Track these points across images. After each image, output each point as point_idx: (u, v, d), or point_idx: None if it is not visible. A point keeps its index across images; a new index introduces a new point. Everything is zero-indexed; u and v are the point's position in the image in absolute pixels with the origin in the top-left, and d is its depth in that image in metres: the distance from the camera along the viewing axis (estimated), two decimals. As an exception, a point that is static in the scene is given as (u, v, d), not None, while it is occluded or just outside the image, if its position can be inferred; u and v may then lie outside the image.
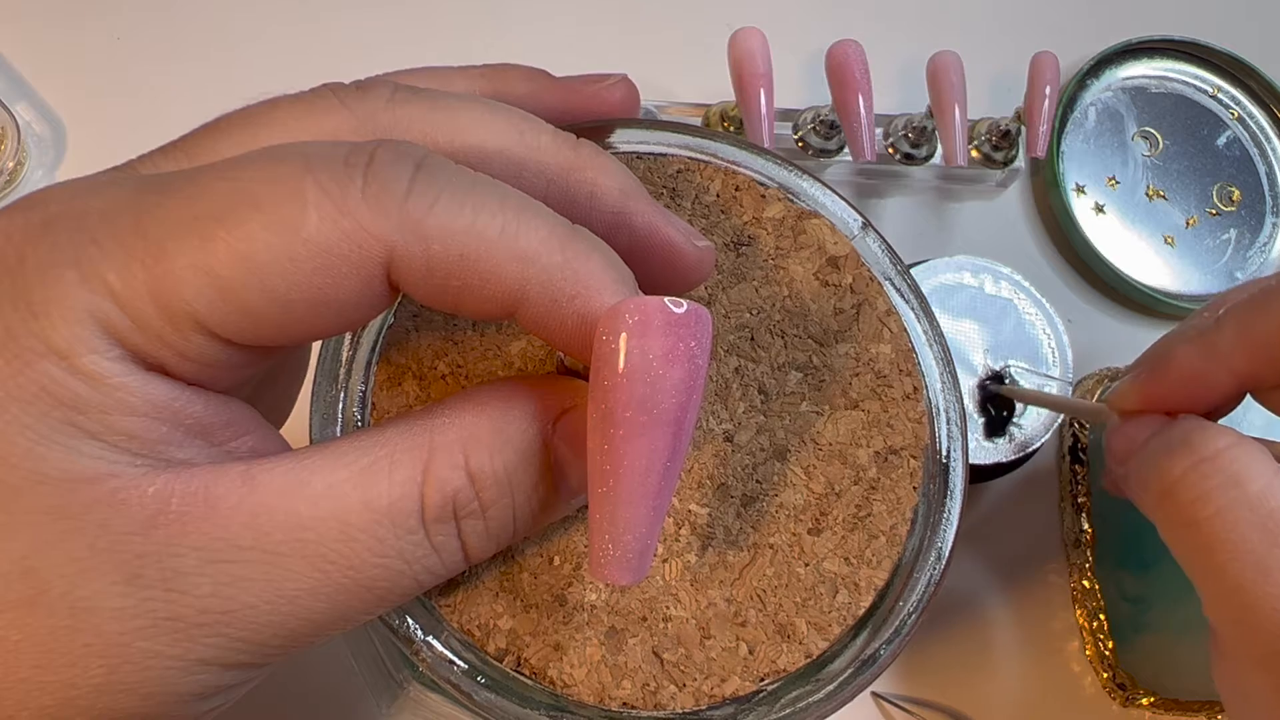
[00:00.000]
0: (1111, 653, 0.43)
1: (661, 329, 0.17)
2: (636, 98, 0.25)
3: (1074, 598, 0.44)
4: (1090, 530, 0.44)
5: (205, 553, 0.17)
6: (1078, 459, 0.45)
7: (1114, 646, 0.43)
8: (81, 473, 0.17)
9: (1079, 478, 0.45)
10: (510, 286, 0.18)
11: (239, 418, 0.19)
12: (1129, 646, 0.43)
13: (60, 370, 0.17)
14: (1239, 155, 0.52)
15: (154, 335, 0.17)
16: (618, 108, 0.24)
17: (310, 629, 0.18)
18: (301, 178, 0.17)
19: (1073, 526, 0.44)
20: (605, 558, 0.18)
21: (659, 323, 0.17)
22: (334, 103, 0.20)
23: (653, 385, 0.17)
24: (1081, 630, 0.44)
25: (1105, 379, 0.47)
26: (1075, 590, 0.44)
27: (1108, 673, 0.43)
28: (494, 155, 0.20)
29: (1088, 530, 0.44)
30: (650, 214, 0.21)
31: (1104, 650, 0.43)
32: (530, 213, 0.18)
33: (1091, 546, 0.44)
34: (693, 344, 0.17)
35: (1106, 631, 0.43)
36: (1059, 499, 0.46)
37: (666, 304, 0.17)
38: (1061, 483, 0.46)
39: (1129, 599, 0.43)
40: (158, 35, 0.48)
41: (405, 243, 0.17)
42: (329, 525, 0.18)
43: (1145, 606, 0.43)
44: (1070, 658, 0.44)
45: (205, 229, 0.17)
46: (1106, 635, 0.43)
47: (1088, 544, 0.44)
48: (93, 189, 0.18)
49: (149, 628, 0.17)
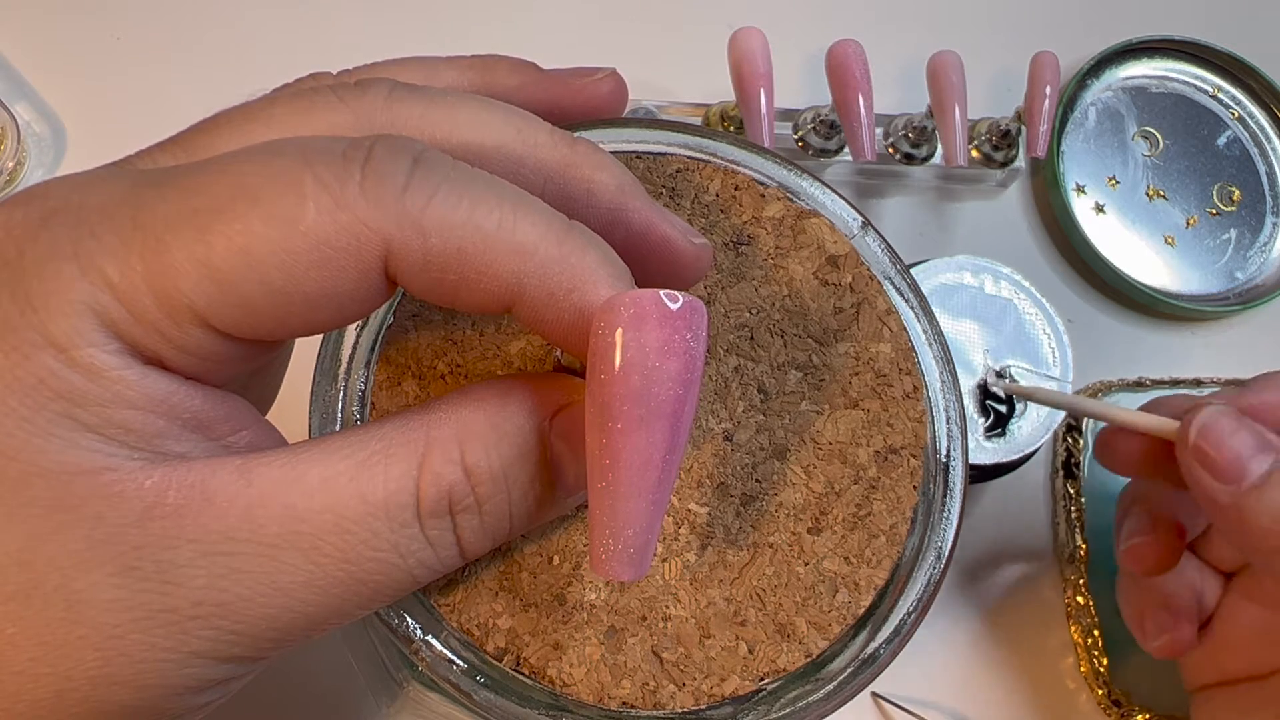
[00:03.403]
0: (1106, 669, 0.42)
1: (657, 321, 0.17)
2: (624, 92, 0.25)
3: (1068, 614, 0.44)
4: (1084, 546, 0.44)
5: (200, 545, 0.17)
6: (1071, 474, 0.45)
7: (1108, 663, 0.43)
8: (78, 465, 0.17)
9: (1072, 493, 0.45)
10: (507, 280, 0.18)
11: (236, 412, 0.19)
12: (1124, 663, 0.43)
13: (58, 363, 0.17)
14: (1239, 155, 0.52)
15: (152, 328, 0.17)
16: (606, 101, 0.24)
17: (304, 622, 0.18)
18: (300, 171, 0.17)
19: (1067, 542, 0.44)
20: (605, 553, 0.18)
21: (655, 315, 0.17)
22: (333, 100, 0.20)
23: (649, 378, 0.17)
24: (1076, 646, 0.43)
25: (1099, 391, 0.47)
26: (1069, 606, 0.44)
27: (1102, 689, 0.42)
28: (492, 152, 0.20)
29: (1082, 546, 0.44)
30: (647, 211, 0.21)
31: (1099, 667, 0.43)
32: (527, 207, 0.18)
33: (1085, 562, 0.44)
34: (689, 336, 0.17)
35: (1101, 648, 0.43)
36: (1052, 514, 0.46)
37: (662, 297, 0.17)
38: (1055, 498, 0.46)
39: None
40: (158, 35, 0.48)
41: (403, 236, 0.17)
42: (324, 518, 0.18)
43: (1140, 623, 0.43)
44: (1065, 674, 0.43)
45: (203, 222, 0.17)
46: (1101, 652, 0.43)
47: (1082, 559, 0.44)
48: (92, 183, 0.18)
49: (144, 619, 0.17)
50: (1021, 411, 0.42)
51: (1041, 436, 0.42)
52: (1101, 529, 0.44)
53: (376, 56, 0.23)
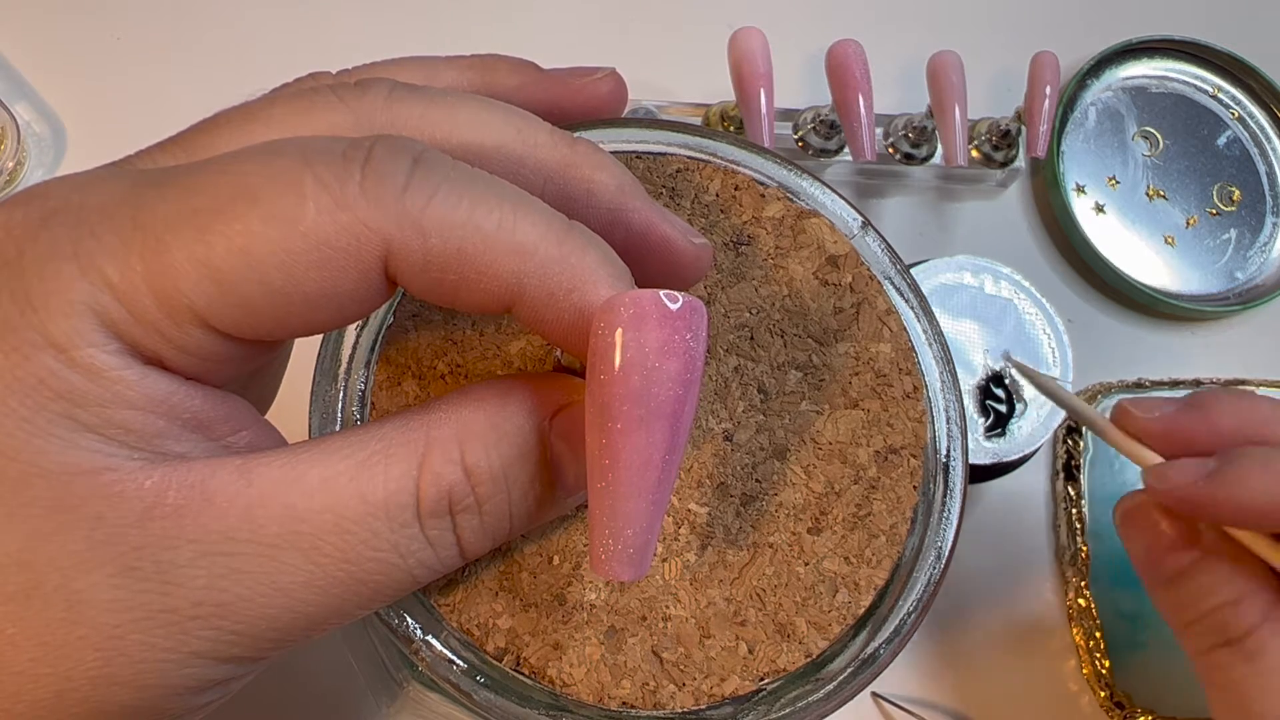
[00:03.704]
0: (1108, 671, 0.43)
1: (657, 322, 0.17)
2: (624, 92, 0.25)
3: (1070, 616, 0.44)
4: (1085, 548, 0.44)
5: (200, 545, 0.17)
6: (1071, 476, 0.45)
7: (1111, 665, 0.43)
8: (78, 465, 0.17)
9: (1073, 495, 0.45)
10: (507, 280, 0.18)
11: (236, 412, 0.19)
12: (1126, 665, 0.43)
13: (58, 363, 0.17)
14: (1239, 155, 0.52)
15: (152, 328, 0.17)
16: (606, 101, 0.24)
17: (304, 622, 0.18)
18: (300, 171, 0.17)
19: (1068, 544, 0.44)
20: (606, 553, 0.18)
21: (654, 315, 0.17)
22: (333, 100, 0.20)
23: (649, 378, 0.17)
24: (1078, 649, 0.43)
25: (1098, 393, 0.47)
26: (1071, 609, 0.44)
27: (1105, 691, 0.42)
28: (492, 152, 0.20)
29: (1083, 548, 0.44)
30: (647, 211, 0.21)
31: (1101, 669, 0.43)
32: (527, 207, 0.18)
33: (1087, 564, 0.44)
34: (688, 336, 0.17)
35: (1103, 650, 0.43)
36: (1052, 517, 0.46)
37: (662, 297, 0.17)
38: (1055, 500, 0.46)
39: (1125, 617, 0.43)
40: (158, 35, 0.48)
41: (403, 236, 0.17)
42: (324, 518, 0.18)
43: (1142, 625, 0.43)
44: (1068, 676, 0.43)
45: (203, 222, 0.17)
46: (1103, 654, 0.43)
47: (1083, 562, 0.44)
48: (91, 183, 0.18)
49: (144, 620, 0.17)
50: (1021, 411, 0.42)
51: (1042, 437, 0.42)
52: (1102, 531, 0.44)
53: (376, 56, 0.23)
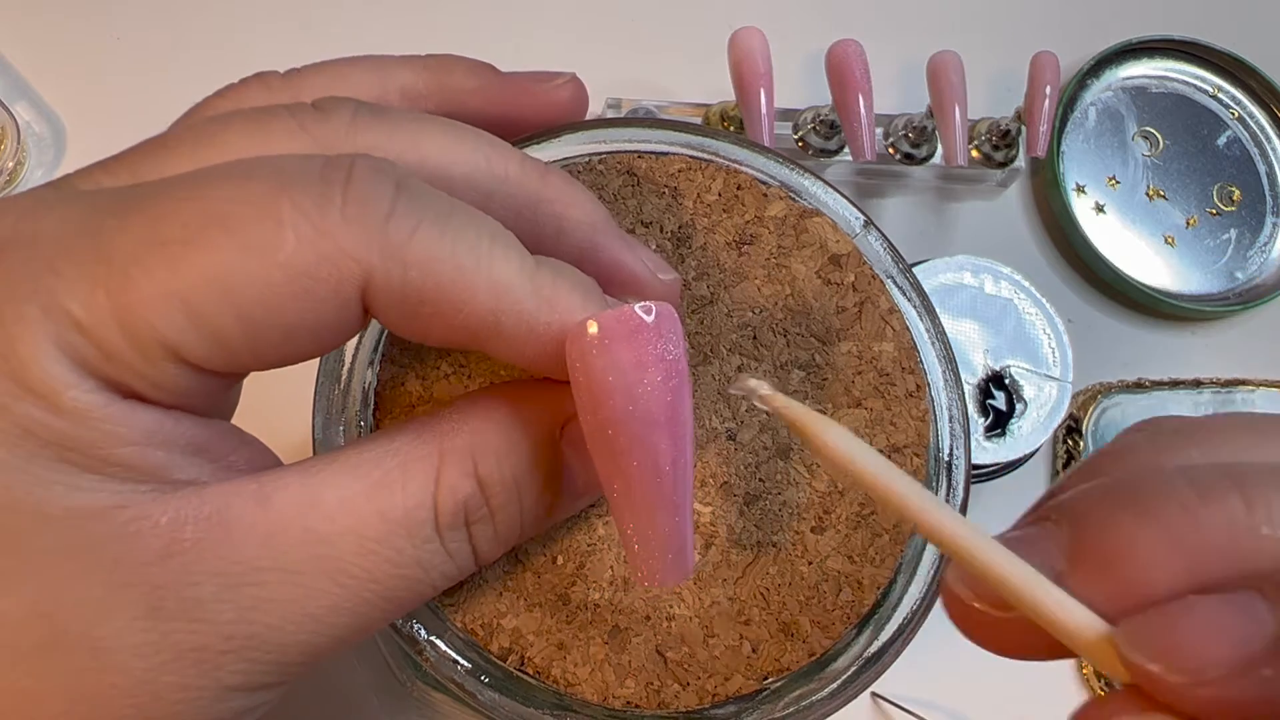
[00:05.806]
0: (1110, 671, 0.43)
1: (627, 339, 0.17)
2: (585, 98, 0.24)
3: (1070, 616, 0.44)
4: None
5: (225, 578, 0.17)
6: None
7: None
8: (86, 508, 0.16)
9: None
10: (483, 316, 0.18)
11: (223, 433, 0.18)
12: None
13: (41, 411, 0.16)
14: (1239, 155, 0.52)
15: (124, 365, 0.16)
16: (565, 108, 0.24)
17: (333, 644, 0.18)
18: (276, 197, 0.16)
19: None
20: (647, 568, 0.18)
21: (623, 334, 0.17)
22: (292, 125, 0.19)
23: (632, 396, 0.17)
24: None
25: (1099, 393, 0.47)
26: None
27: (1105, 690, 0.43)
28: (459, 181, 0.19)
29: None
30: (616, 250, 0.21)
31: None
32: (503, 243, 0.18)
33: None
34: (660, 347, 0.17)
35: None
36: None
37: (636, 311, 0.17)
38: None
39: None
40: (158, 35, 0.48)
41: (385, 267, 0.17)
42: (347, 540, 0.18)
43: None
44: (1068, 676, 0.43)
45: (173, 253, 0.16)
46: None
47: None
48: (38, 210, 0.17)
49: (174, 661, 0.17)
50: (1021, 411, 0.42)
51: (1042, 437, 0.42)
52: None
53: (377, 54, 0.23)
